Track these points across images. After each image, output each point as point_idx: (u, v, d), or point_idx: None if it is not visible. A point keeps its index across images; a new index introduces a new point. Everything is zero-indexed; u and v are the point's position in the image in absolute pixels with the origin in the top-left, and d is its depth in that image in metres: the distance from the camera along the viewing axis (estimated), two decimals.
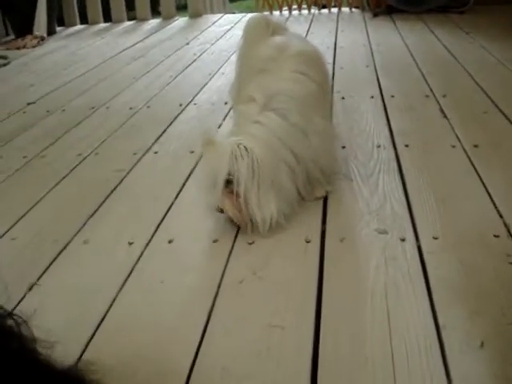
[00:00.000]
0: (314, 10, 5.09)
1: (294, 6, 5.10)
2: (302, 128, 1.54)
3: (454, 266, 1.30)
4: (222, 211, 1.47)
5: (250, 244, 1.45)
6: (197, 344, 1.13)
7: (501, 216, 1.49)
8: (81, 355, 1.12)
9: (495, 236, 1.40)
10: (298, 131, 1.53)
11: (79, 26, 5.27)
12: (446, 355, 1.05)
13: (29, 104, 2.88)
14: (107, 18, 5.28)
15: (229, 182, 1.42)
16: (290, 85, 1.58)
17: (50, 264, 1.45)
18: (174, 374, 1.06)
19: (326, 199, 1.63)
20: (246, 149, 1.41)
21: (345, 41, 3.77)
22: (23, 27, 4.69)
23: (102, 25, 5.22)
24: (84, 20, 5.32)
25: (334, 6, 5.10)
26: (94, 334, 1.18)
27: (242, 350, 1.11)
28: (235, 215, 1.47)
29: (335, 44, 3.68)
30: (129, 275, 1.37)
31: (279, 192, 1.47)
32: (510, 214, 1.49)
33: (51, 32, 4.89)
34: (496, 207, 1.53)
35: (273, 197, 1.45)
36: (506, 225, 1.44)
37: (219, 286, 1.30)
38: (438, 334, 1.10)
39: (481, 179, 1.69)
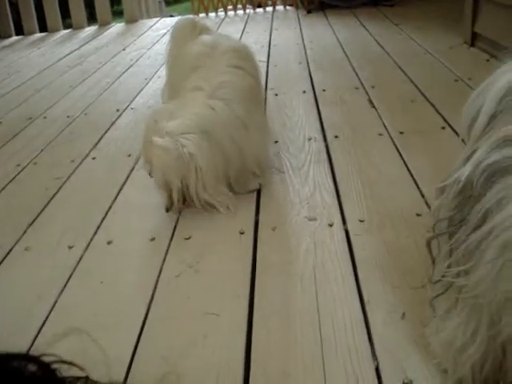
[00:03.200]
0: (249, 10, 5.16)
1: (230, 7, 5.16)
2: (243, 121, 1.61)
3: (378, 245, 1.38)
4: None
5: (187, 239, 1.50)
6: (136, 337, 1.17)
7: (423, 196, 1.58)
8: None
9: (417, 215, 1.49)
10: (241, 124, 1.60)
11: (14, 38, 5.22)
12: (370, 328, 1.13)
13: None
14: (43, 27, 5.24)
15: None
16: (231, 78, 1.64)
17: None
18: (115, 366, 1.10)
19: (259, 191, 1.70)
20: (189, 154, 1.49)
21: (279, 39, 3.86)
22: None
23: (38, 35, 5.17)
24: (19, 31, 5.26)
25: (269, 5, 5.18)
26: (35, 338, 1.21)
27: (179, 338, 1.16)
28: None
29: (269, 42, 3.76)
30: (69, 278, 1.40)
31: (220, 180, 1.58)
32: (432, 193, 1.58)
33: None
34: (419, 188, 1.62)
35: (217, 185, 1.56)
36: (427, 203, 1.53)
37: (157, 282, 1.34)
38: (363, 309, 1.18)
39: (405, 163, 1.78)
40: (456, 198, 0.83)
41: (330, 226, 1.49)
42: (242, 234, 1.50)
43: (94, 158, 2.13)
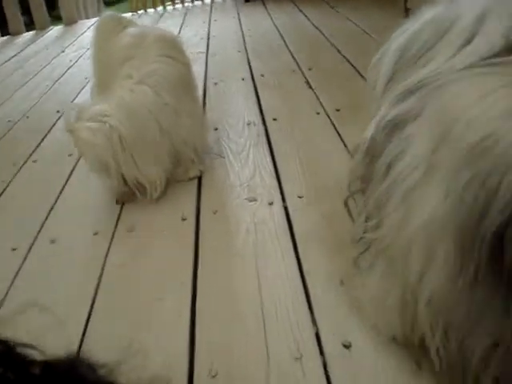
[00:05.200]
0: (187, 4, 5.15)
1: (168, 3, 5.14)
2: (174, 108, 1.61)
3: (316, 218, 1.42)
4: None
5: (129, 231, 1.51)
6: (82, 328, 1.18)
7: None
8: None
9: None
10: (171, 111, 1.60)
11: None
12: (310, 297, 1.16)
13: None
14: None
15: None
16: (162, 66, 1.64)
17: None
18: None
19: (200, 178, 1.72)
20: (111, 127, 1.51)
21: (218, 30, 3.87)
22: None
23: None
24: None
25: None
26: None
27: (126, 325, 1.18)
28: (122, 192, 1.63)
29: (208, 34, 3.77)
30: (14, 279, 1.40)
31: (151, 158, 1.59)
32: None
33: None
34: None
35: (149, 162, 1.57)
36: None
37: (101, 274, 1.35)
38: (303, 281, 1.21)
39: (341, 139, 1.82)
40: (365, 156, 0.87)
41: (270, 204, 1.52)
42: (184, 220, 1.52)
43: (34, 161, 2.12)
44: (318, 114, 2.06)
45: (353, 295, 1.12)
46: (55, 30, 4.98)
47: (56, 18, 5.75)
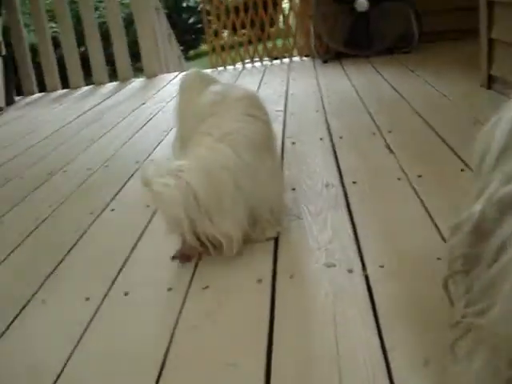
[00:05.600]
0: (266, 62, 5.24)
1: (247, 60, 5.25)
2: (253, 168, 1.60)
3: (399, 290, 1.35)
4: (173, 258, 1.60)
5: (204, 289, 1.48)
6: None
7: (444, 239, 1.55)
8: None
9: (438, 259, 1.45)
10: (250, 170, 1.59)
11: (38, 94, 5.35)
12: (392, 375, 1.09)
13: None
14: (65, 84, 5.38)
15: None
16: (242, 125, 1.64)
17: (8, 326, 1.46)
18: None
19: (277, 239, 1.68)
20: (187, 183, 1.49)
21: (296, 88, 3.90)
22: None
23: (60, 91, 5.30)
24: (43, 88, 5.40)
25: (286, 57, 5.26)
26: None
27: None
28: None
29: (286, 92, 3.80)
30: (85, 330, 1.39)
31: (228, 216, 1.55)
32: None
33: (9, 102, 4.95)
34: (439, 232, 1.59)
35: (225, 219, 1.54)
36: None
37: (173, 333, 1.32)
38: (385, 357, 1.14)
39: (425, 207, 1.75)
40: (470, 234, 0.81)
41: (350, 272, 1.46)
42: (259, 282, 1.48)
43: (112, 210, 2.14)
44: (399, 179, 2.01)
45: (441, 378, 1.04)
46: (137, 82, 5.16)
47: (138, 70, 5.96)
